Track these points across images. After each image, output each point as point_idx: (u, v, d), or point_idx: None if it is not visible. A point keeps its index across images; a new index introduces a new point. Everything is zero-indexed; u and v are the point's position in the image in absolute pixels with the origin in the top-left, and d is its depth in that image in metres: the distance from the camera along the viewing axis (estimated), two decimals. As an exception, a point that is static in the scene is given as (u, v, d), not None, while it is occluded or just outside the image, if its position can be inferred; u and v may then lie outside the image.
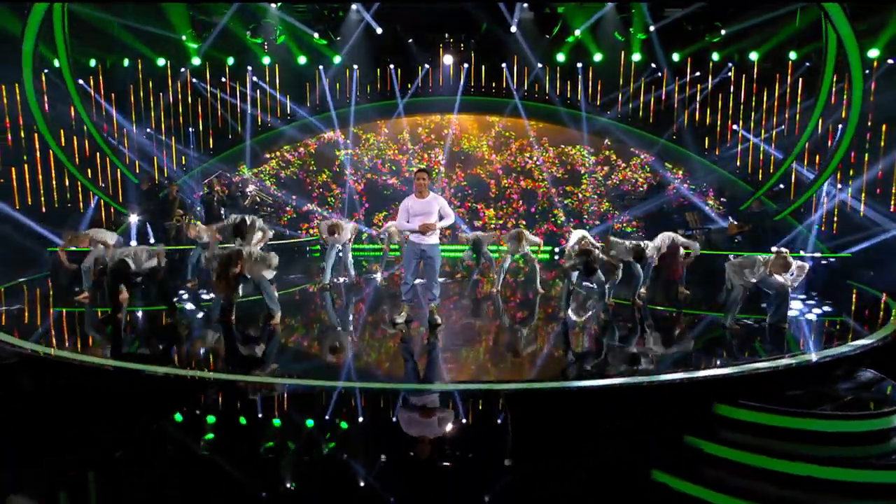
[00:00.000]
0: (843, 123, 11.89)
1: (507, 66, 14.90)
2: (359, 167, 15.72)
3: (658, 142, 14.72)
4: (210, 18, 13.43)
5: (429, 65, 14.90)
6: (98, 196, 13.72)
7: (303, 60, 14.34)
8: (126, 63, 14.63)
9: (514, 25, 13.25)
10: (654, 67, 14.26)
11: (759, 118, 14.30)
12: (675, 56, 13.89)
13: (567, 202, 15.38)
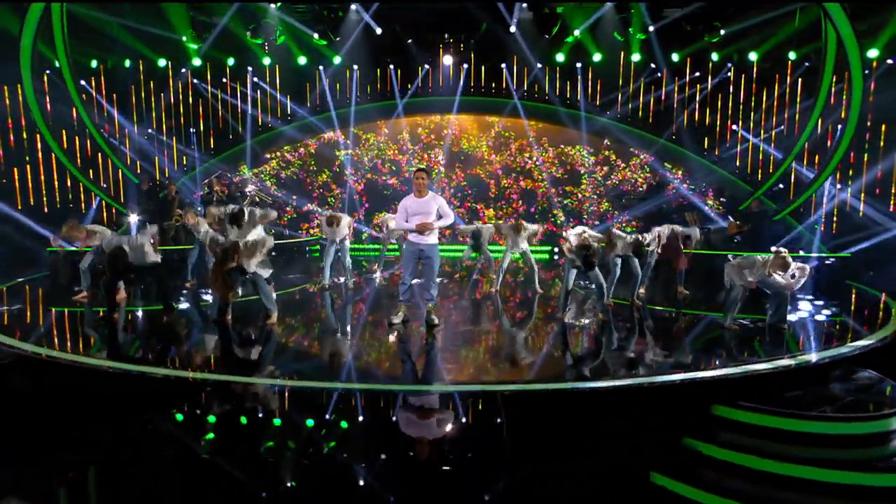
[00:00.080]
0: (843, 123, 11.90)
1: (507, 67, 14.90)
2: (359, 167, 15.74)
3: (657, 142, 14.73)
4: (210, 19, 13.44)
5: (428, 65, 14.92)
6: (99, 196, 13.75)
7: (303, 61, 14.37)
8: (127, 64, 14.69)
9: (514, 25, 13.25)
10: (654, 68, 14.26)
11: (759, 118, 14.30)
12: (675, 56, 13.87)
13: (566, 202, 15.40)
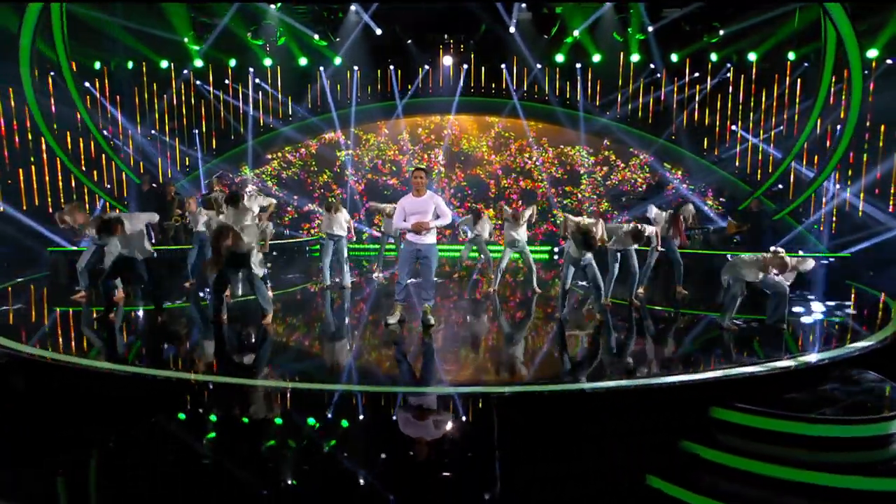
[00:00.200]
0: (843, 123, 11.91)
1: (507, 67, 14.94)
2: (359, 167, 15.78)
3: (657, 142, 14.74)
4: (211, 20, 13.50)
5: (428, 66, 14.96)
6: (102, 198, 13.81)
7: (304, 62, 14.43)
8: (130, 65, 14.78)
9: (513, 26, 13.28)
10: (653, 68, 14.29)
11: (758, 118, 14.31)
12: (674, 57, 13.90)
13: (566, 202, 15.42)
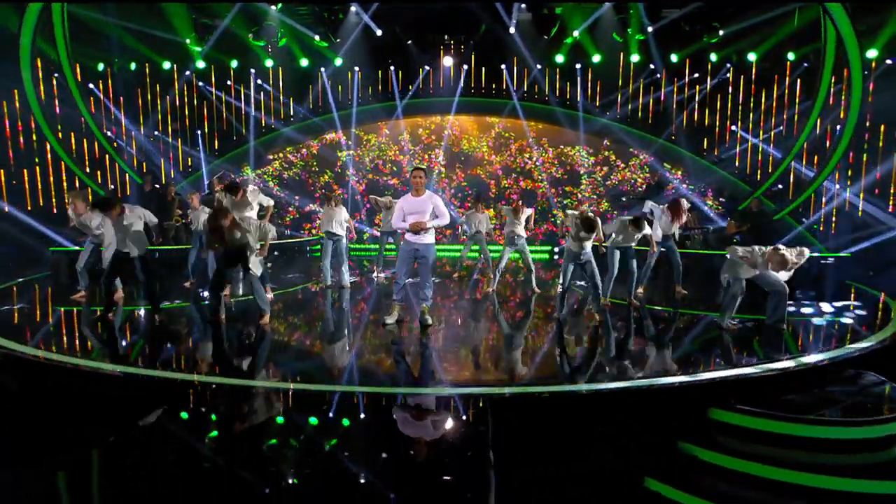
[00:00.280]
0: (842, 122, 11.92)
1: (507, 68, 14.99)
2: (360, 168, 15.84)
3: (656, 142, 14.77)
4: (212, 22, 13.58)
5: (429, 66, 15.02)
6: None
7: (305, 63, 14.50)
8: (133, 67, 14.88)
9: (513, 26, 13.32)
10: (653, 68, 14.31)
11: (758, 119, 14.31)
12: (674, 57, 13.93)
13: (566, 202, 15.45)
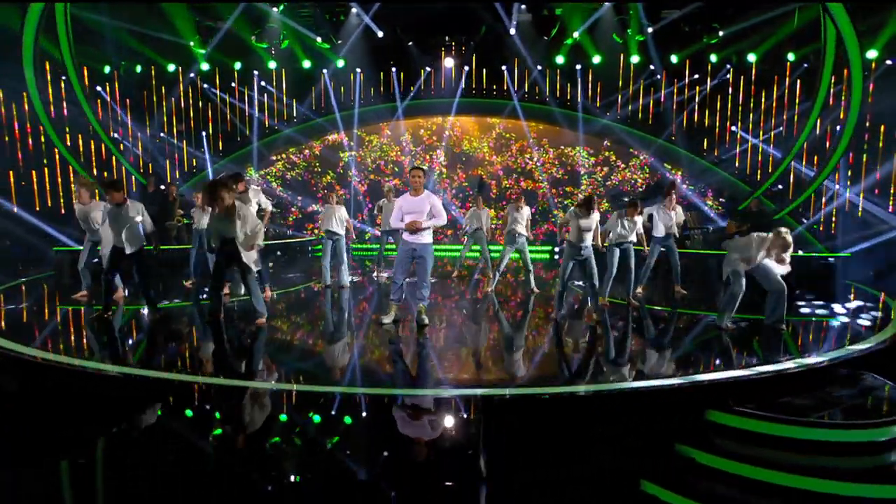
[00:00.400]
0: (842, 122, 11.93)
1: (507, 69, 15.07)
2: (362, 168, 15.97)
3: (656, 143, 14.80)
4: (215, 24, 13.72)
5: (430, 67, 15.12)
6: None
7: (307, 64, 14.64)
8: (138, 69, 15.07)
9: (513, 28, 13.40)
10: (653, 69, 14.35)
11: (758, 119, 14.32)
12: (674, 58, 13.96)
13: (567, 203, 15.52)
